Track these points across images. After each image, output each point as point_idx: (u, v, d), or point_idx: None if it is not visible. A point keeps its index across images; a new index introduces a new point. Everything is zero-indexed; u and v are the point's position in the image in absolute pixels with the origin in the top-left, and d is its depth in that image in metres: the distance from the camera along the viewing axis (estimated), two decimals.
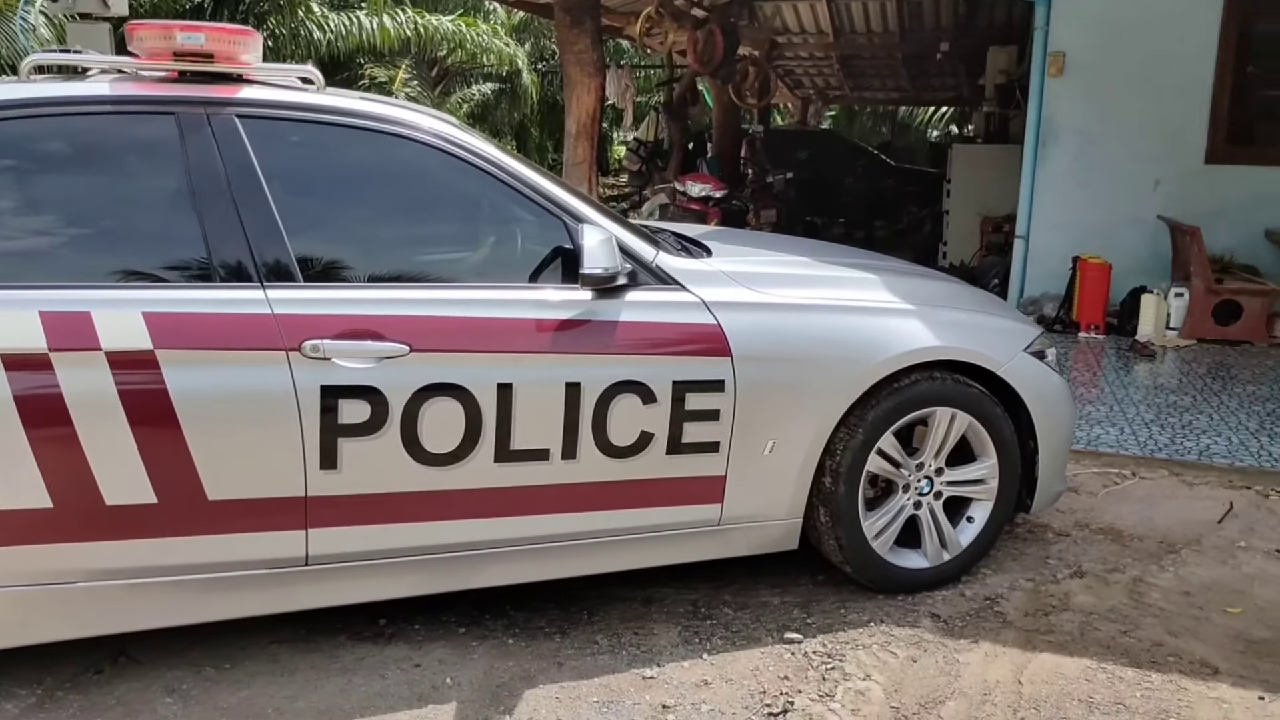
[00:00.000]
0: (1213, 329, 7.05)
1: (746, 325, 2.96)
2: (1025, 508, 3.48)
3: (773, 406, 2.98)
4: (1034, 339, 3.46)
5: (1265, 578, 3.50)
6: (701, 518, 3.01)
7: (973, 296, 3.84)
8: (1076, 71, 7.78)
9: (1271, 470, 4.45)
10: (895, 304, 3.27)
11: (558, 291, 2.86)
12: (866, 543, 3.17)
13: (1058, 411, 3.45)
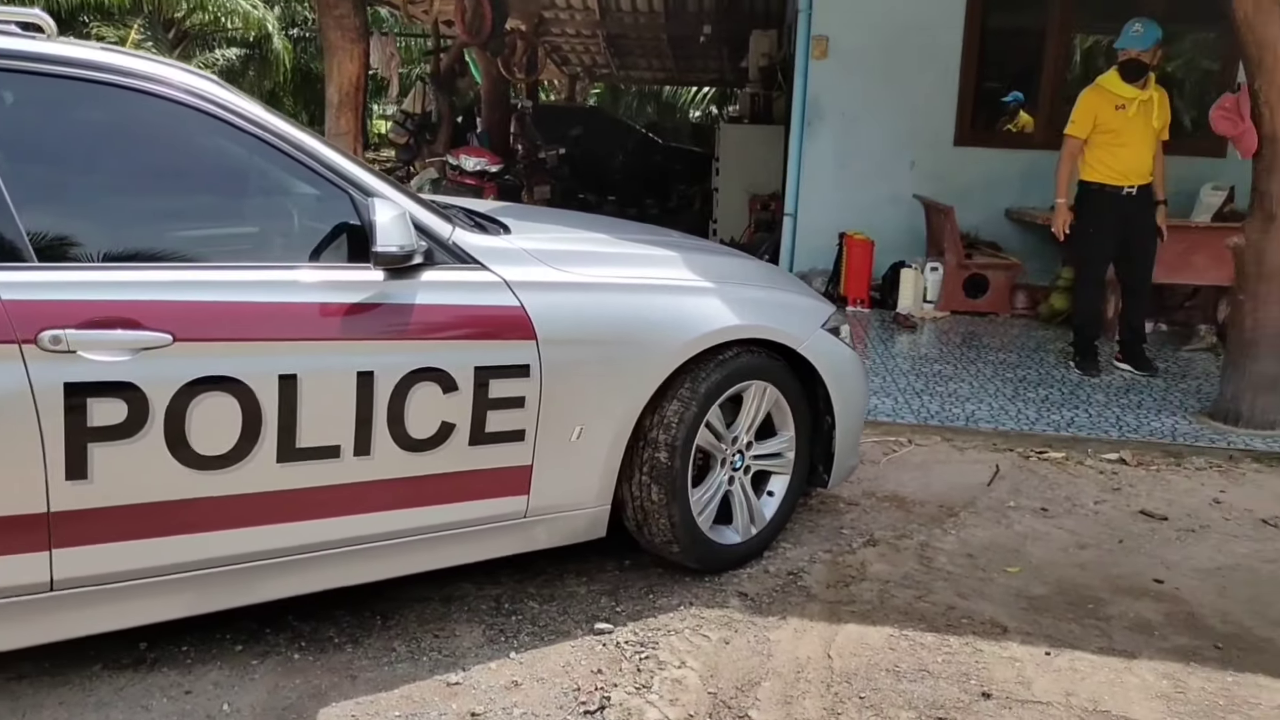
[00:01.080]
0: (964, 301, 7.53)
1: (552, 306, 2.81)
2: (823, 483, 3.53)
3: (580, 391, 2.85)
4: (830, 316, 3.50)
5: (1036, 535, 3.73)
6: (507, 511, 2.84)
7: (771, 273, 3.87)
8: (838, 55, 8.08)
9: (1029, 433, 4.76)
10: (700, 282, 3.20)
11: (345, 272, 2.60)
12: (694, 520, 3.12)
13: (853, 387, 3.51)
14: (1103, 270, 5.82)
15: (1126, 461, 4.54)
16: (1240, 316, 4.90)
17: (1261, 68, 4.58)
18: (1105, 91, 5.62)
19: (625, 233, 3.77)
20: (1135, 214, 5.66)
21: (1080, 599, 3.24)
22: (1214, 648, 2.97)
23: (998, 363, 6.06)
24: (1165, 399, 5.40)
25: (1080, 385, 5.62)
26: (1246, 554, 3.65)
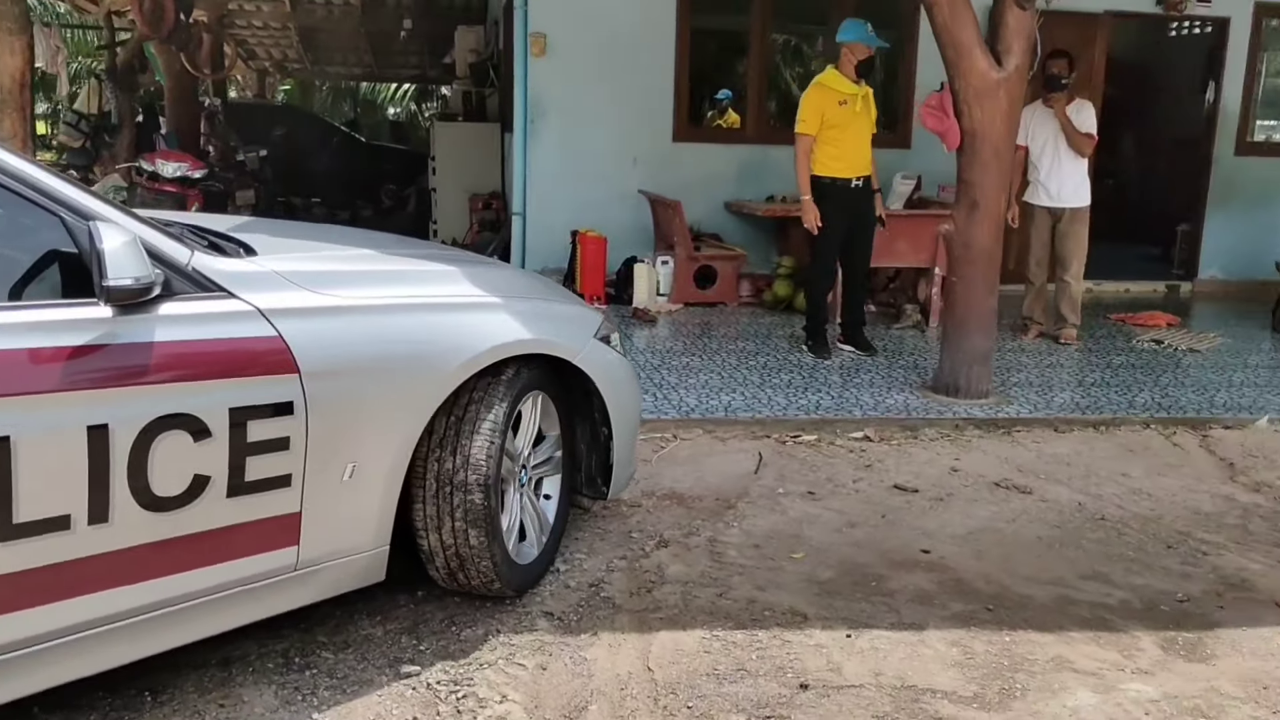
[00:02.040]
0: (695, 293, 7.76)
1: (315, 334, 2.53)
2: (602, 494, 3.44)
3: (352, 425, 2.60)
4: (600, 325, 3.40)
5: (810, 519, 3.87)
6: (276, 566, 2.52)
7: (541, 285, 3.71)
8: (558, 53, 8.07)
9: (783, 419, 4.96)
10: (475, 298, 3.05)
11: (62, 310, 2.22)
12: (509, 552, 2.98)
13: (627, 395, 3.43)
14: (834, 260, 6.17)
15: (871, 439, 4.84)
16: (953, 298, 5.35)
17: (959, 69, 5.01)
18: (828, 89, 5.95)
19: (384, 247, 3.52)
20: (859, 205, 6.04)
21: (863, 577, 3.39)
22: (986, 610, 3.20)
23: (740, 352, 6.29)
24: (891, 376, 5.81)
25: (817, 368, 5.94)
26: (990, 516, 3.98)
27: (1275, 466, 4.67)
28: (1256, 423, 5.24)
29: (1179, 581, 3.47)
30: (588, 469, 3.41)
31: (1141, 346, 6.89)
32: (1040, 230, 6.70)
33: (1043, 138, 6.56)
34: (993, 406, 5.25)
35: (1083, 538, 3.81)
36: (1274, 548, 3.77)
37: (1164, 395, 5.65)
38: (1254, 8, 9.03)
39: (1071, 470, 4.52)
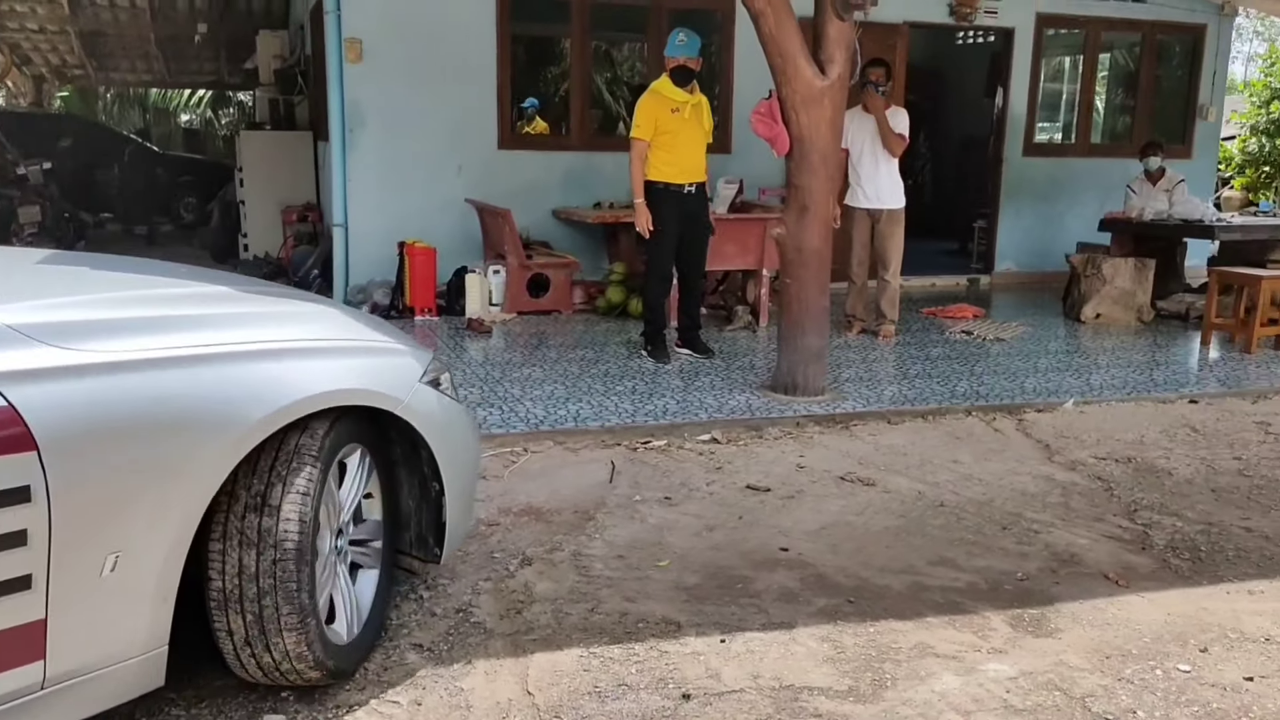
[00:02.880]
0: (528, 302, 7.69)
1: (59, 401, 2.07)
2: (434, 557, 3.00)
3: (113, 507, 2.15)
4: (428, 366, 2.96)
5: (670, 525, 3.88)
6: (15, 687, 2.04)
7: (361, 323, 3.16)
8: (375, 59, 7.82)
9: (632, 426, 4.96)
10: (278, 343, 2.57)
11: None
12: (324, 630, 2.57)
13: (461, 444, 3.02)
14: (670, 265, 6.23)
15: (719, 440, 4.91)
16: (788, 299, 5.49)
17: (785, 76, 5.15)
18: (661, 96, 6.00)
19: (166, 281, 3.04)
20: (693, 211, 6.13)
21: (729, 580, 3.42)
22: (849, 603, 3.29)
23: (581, 360, 6.26)
24: (731, 378, 5.92)
25: (658, 373, 5.98)
26: (839, 510, 4.10)
27: (1085, 445, 5.02)
28: (1064, 405, 5.63)
29: (1017, 561, 3.67)
30: (417, 528, 3.01)
31: (954, 338, 7.29)
32: (861, 231, 6.99)
33: (861, 142, 6.84)
34: (830, 402, 5.43)
35: (926, 525, 3.98)
36: (1095, 522, 4.05)
37: (980, 383, 5.99)
38: (1036, 18, 9.73)
39: (908, 460, 4.72)
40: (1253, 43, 22.06)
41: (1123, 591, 3.43)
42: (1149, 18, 10.17)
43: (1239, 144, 14.61)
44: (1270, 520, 4.10)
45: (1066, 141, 10.95)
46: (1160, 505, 4.23)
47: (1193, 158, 10.57)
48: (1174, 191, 8.41)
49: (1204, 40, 10.48)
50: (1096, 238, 8.74)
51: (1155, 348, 7.20)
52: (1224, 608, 3.32)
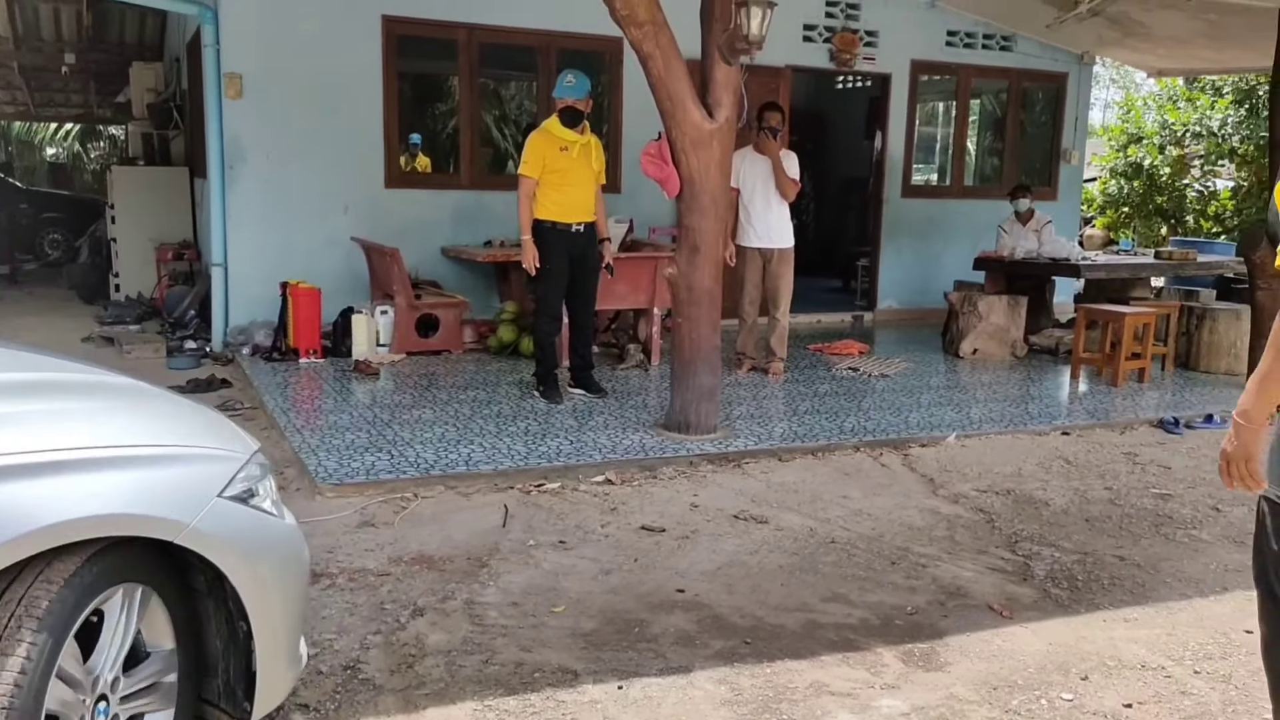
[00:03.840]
0: (417, 342, 7.56)
1: None
2: (244, 715, 2.38)
3: None
4: (234, 476, 2.34)
5: (565, 570, 3.84)
6: None
7: (153, 417, 2.47)
8: (257, 94, 7.64)
9: (525, 468, 4.90)
10: (14, 456, 1.96)
11: None
12: None
13: (279, 574, 2.43)
14: (559, 304, 6.20)
15: (613, 481, 4.89)
16: (680, 338, 5.53)
17: (675, 119, 5.22)
18: (550, 135, 6.01)
19: None
20: (582, 250, 6.13)
21: (626, 624, 3.40)
22: (745, 644, 3.30)
23: (472, 401, 6.17)
24: (624, 417, 5.92)
25: (551, 414, 5.94)
26: (734, 549, 4.12)
27: (967, 478, 5.17)
28: (946, 439, 5.80)
29: (907, 595, 3.74)
30: (225, 675, 2.39)
31: (840, 374, 7.45)
32: (752, 270, 7.10)
33: (753, 182, 6.97)
34: (722, 441, 5.47)
35: (819, 562, 4.03)
36: (979, 554, 4.16)
37: (867, 419, 6.13)
38: (910, 65, 10.12)
39: (800, 497, 4.79)
40: (1110, 90, 23.40)
41: (1007, 623, 3.52)
42: (1015, 66, 10.69)
43: (1100, 186, 15.40)
44: (1141, 548, 4.28)
45: (942, 183, 11.38)
46: (1039, 536, 4.38)
47: (1058, 199, 11.10)
48: (1042, 231, 8.80)
49: (1066, 88, 11.06)
50: (972, 276, 9.08)
51: (1029, 382, 7.50)
52: (1102, 636, 3.44)
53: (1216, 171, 14.55)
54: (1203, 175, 14.56)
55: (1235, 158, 13.98)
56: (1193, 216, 14.44)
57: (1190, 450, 5.84)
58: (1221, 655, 3.33)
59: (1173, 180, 14.40)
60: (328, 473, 4.69)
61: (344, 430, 5.43)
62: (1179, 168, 14.43)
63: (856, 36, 9.70)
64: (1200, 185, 14.54)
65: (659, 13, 5.04)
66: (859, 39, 9.72)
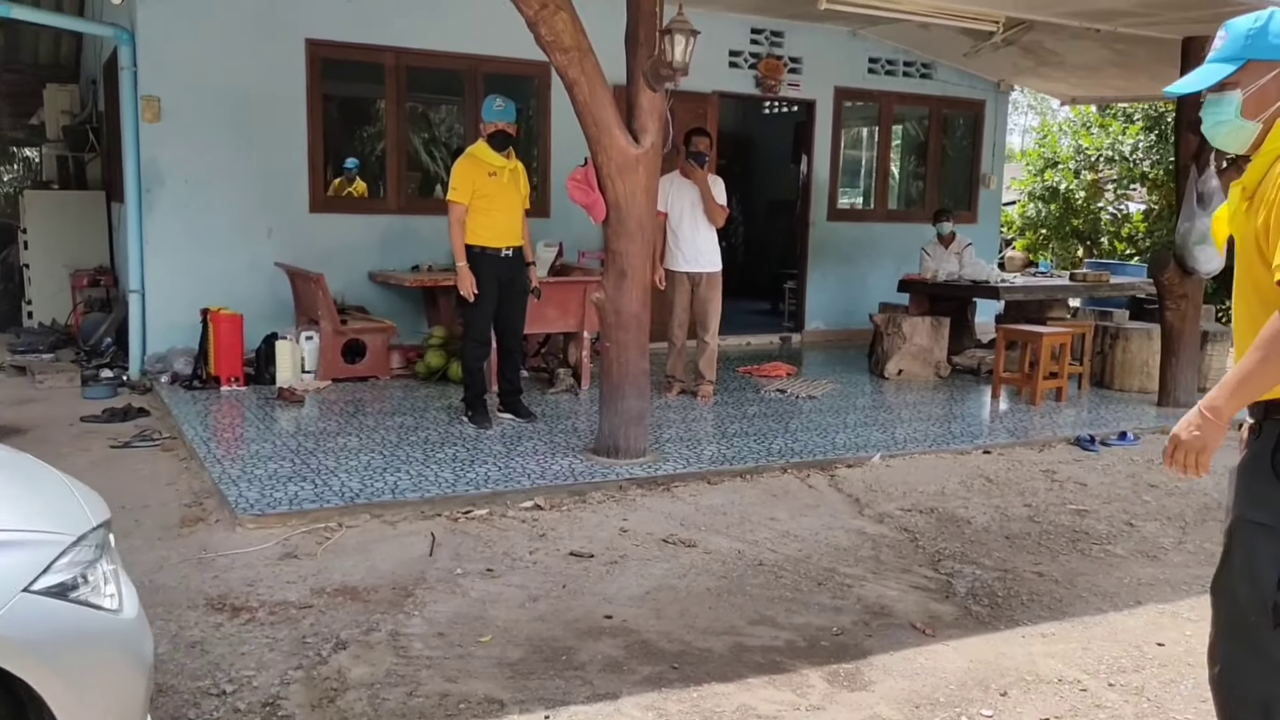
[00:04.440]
0: (344, 368, 7.46)
1: None
2: None
3: None
4: (50, 564, 1.99)
5: (492, 598, 3.80)
6: None
7: None
8: (176, 118, 7.50)
9: (453, 496, 4.85)
10: None
11: None
12: None
13: (103, 679, 2.06)
14: (487, 329, 6.17)
15: (542, 507, 4.86)
16: (608, 362, 5.54)
17: (600, 144, 5.25)
18: (478, 160, 5.99)
19: None
20: (511, 274, 6.11)
21: (553, 652, 3.38)
22: (673, 669, 3.30)
23: (399, 427, 6.10)
24: (554, 442, 5.90)
25: (480, 439, 5.89)
26: (663, 574, 4.13)
27: (892, 498, 5.25)
28: (872, 460, 5.88)
29: (833, 616, 3.78)
30: None
31: (769, 396, 7.52)
32: (681, 294, 7.14)
33: (680, 207, 7.02)
34: (651, 465, 5.49)
35: (747, 584, 4.05)
36: (903, 573, 4.22)
37: (794, 440, 6.19)
38: (834, 91, 10.32)
39: (728, 519, 4.81)
40: (1028, 115, 24.08)
41: (930, 641, 3.58)
42: (935, 93, 10.96)
43: (1019, 209, 15.84)
44: (1058, 564, 4.38)
45: (867, 207, 11.60)
46: (961, 554, 4.46)
47: (978, 222, 11.38)
48: (963, 254, 9.02)
49: (984, 114, 11.37)
50: (896, 298, 9.25)
51: (952, 401, 7.65)
52: (1021, 651, 3.51)
53: (1129, 195, 15.06)
54: (1116, 199, 15.06)
55: (1146, 182, 14.49)
56: (1107, 238, 14.92)
57: (1105, 467, 6.01)
58: (1134, 668, 3.41)
59: (1088, 203, 14.88)
60: (249, 503, 4.60)
61: (266, 459, 5.32)
62: (1093, 191, 14.91)
63: (781, 63, 9.87)
64: (1114, 208, 15.04)
65: (584, 39, 5.07)
66: (784, 66, 9.89)
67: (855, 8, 7.23)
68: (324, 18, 7.93)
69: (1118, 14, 6.86)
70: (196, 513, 4.65)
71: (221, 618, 3.53)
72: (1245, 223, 2.18)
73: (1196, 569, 4.36)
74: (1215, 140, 2.33)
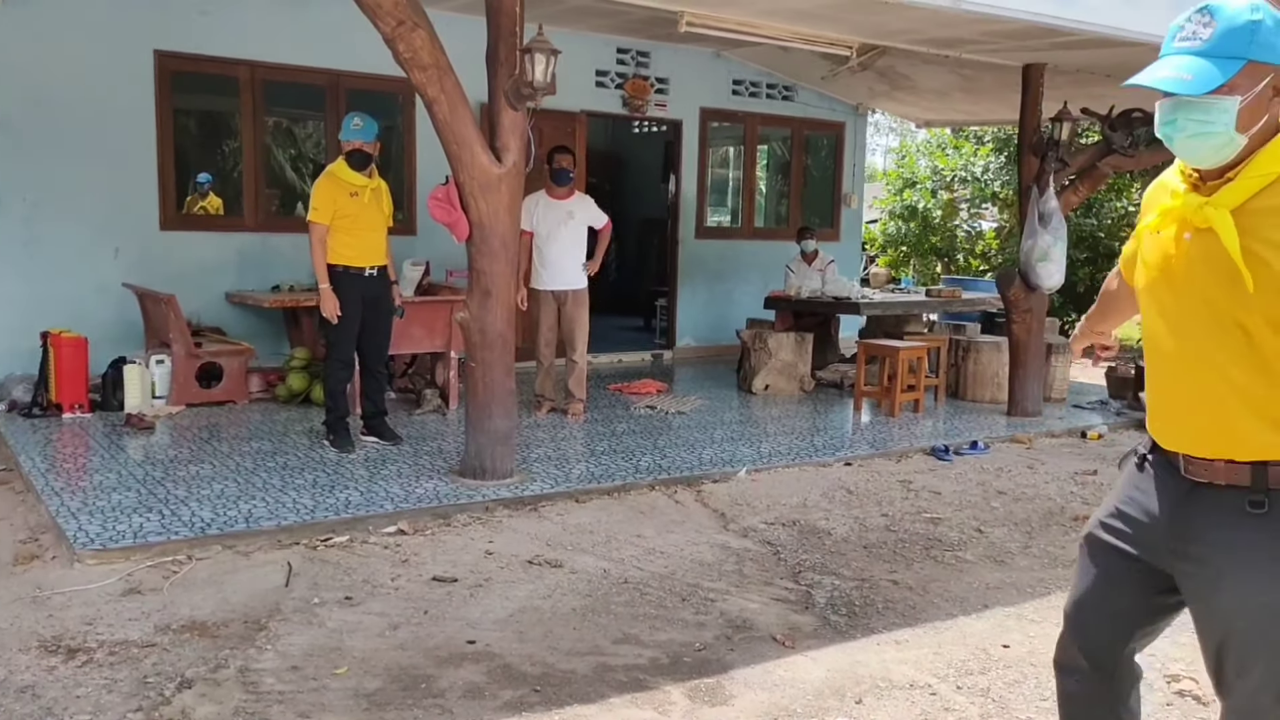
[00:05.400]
0: (199, 393, 7.17)
1: None
2: None
3: None
4: None
5: (350, 628, 3.70)
6: None
7: None
8: (13, 133, 7.12)
9: (312, 523, 4.71)
10: None
11: None
12: None
13: None
14: (351, 350, 6.03)
15: (405, 531, 4.77)
16: (474, 382, 5.48)
17: (462, 163, 5.20)
18: (338, 179, 5.86)
19: None
20: (375, 294, 6.00)
21: (412, 681, 3.31)
22: (534, 692, 3.27)
23: (256, 453, 5.89)
24: (419, 464, 5.79)
25: (342, 464, 5.75)
26: (527, 595, 4.10)
27: (757, 512, 5.35)
28: (738, 474, 5.98)
29: (695, 631, 3.81)
30: None
31: (639, 413, 7.57)
32: (547, 312, 7.13)
33: (547, 226, 7.02)
34: (518, 485, 5.44)
35: (612, 603, 4.05)
36: (765, 586, 4.30)
37: (663, 457, 6.24)
38: (700, 112, 10.49)
39: (595, 538, 4.81)
40: (889, 137, 25.00)
41: (789, 652, 3.64)
42: (798, 114, 11.27)
43: (881, 226, 16.43)
44: (913, 572, 4.53)
45: (734, 225, 11.82)
46: (821, 565, 4.57)
47: (840, 240, 11.73)
48: (826, 271, 9.27)
49: (844, 136, 11.74)
50: (763, 314, 9.45)
51: (816, 415, 7.84)
52: (875, 659, 3.61)
53: (981, 213, 15.79)
54: (970, 217, 15.76)
55: (997, 201, 15.22)
56: (963, 255, 15.59)
57: (958, 475, 6.25)
58: (981, 670, 3.55)
59: (944, 222, 15.53)
60: (89, 538, 4.36)
61: (110, 490, 5.06)
62: (949, 210, 15.57)
63: (648, 83, 9.99)
64: (968, 226, 15.73)
65: (443, 56, 5.02)
66: (650, 86, 10.01)
67: (715, 30, 7.36)
68: (175, 29, 7.65)
69: (962, 42, 7.18)
70: (32, 549, 4.39)
71: (55, 660, 3.34)
72: (1206, 247, 1.85)
73: (1040, 572, 4.57)
74: (1189, 153, 1.88)
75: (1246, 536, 1.86)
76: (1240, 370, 1.85)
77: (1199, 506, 1.93)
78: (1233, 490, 1.87)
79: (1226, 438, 1.87)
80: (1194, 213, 1.87)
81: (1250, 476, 1.85)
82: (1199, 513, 1.93)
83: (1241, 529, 1.86)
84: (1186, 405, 1.94)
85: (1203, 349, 1.89)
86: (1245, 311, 1.82)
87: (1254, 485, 1.85)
